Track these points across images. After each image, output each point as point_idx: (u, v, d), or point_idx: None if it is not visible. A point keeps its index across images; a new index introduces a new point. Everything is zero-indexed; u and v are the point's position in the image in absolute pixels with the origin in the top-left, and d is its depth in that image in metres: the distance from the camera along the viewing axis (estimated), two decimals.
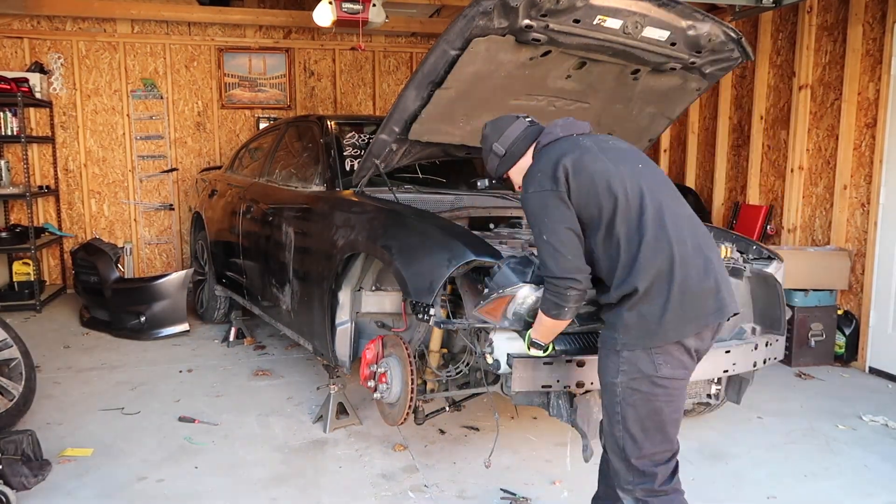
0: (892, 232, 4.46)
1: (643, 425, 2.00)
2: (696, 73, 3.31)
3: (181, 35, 7.19)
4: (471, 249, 2.66)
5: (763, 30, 5.45)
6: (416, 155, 3.54)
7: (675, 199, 2.10)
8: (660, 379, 1.97)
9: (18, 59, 6.77)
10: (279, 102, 7.52)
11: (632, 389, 1.98)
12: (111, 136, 7.13)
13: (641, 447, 2.01)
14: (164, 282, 5.33)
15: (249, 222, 4.54)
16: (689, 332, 1.96)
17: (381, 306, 3.49)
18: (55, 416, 3.72)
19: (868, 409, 3.93)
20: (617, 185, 2.00)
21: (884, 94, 4.46)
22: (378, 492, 2.93)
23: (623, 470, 2.05)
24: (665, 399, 1.99)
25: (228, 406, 3.89)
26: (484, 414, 3.74)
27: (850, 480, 3.09)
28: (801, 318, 4.69)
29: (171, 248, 7.46)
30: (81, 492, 2.90)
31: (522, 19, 2.67)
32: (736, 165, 5.87)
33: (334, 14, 5.27)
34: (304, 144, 4.39)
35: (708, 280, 1.98)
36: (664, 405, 1.99)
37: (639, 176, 2.05)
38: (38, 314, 6.13)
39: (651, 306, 1.94)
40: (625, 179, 2.02)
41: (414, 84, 2.99)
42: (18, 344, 3.59)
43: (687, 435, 3.50)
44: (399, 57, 7.86)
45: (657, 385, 1.97)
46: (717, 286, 2.00)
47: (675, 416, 2.03)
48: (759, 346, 3.02)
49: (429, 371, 2.97)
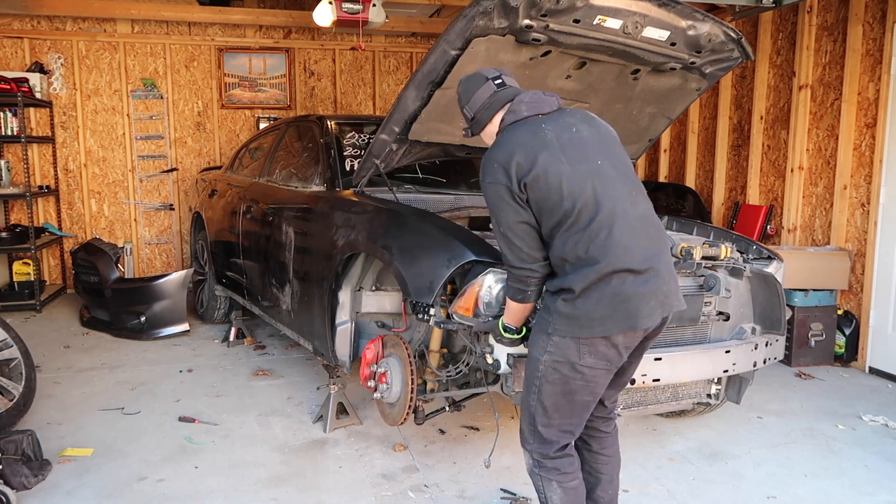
0: (892, 232, 4.46)
1: (556, 402, 2.13)
2: (696, 73, 3.31)
3: (181, 35, 7.19)
4: (471, 249, 2.66)
5: (763, 30, 5.45)
6: (416, 155, 3.54)
7: (632, 198, 2.12)
8: (581, 366, 2.08)
9: (18, 59, 6.77)
10: (279, 102, 7.53)
11: (553, 369, 2.10)
12: (111, 136, 7.13)
13: (550, 418, 2.16)
14: (164, 282, 5.33)
15: (249, 222, 4.54)
16: (618, 331, 2.04)
17: (381, 306, 3.49)
18: (55, 416, 3.72)
19: (868, 408, 3.93)
20: (570, 189, 2.03)
21: (884, 94, 4.46)
22: (378, 492, 2.93)
23: (527, 431, 2.22)
24: (581, 383, 2.10)
25: (228, 406, 3.90)
26: (484, 414, 3.74)
27: (850, 480, 3.09)
28: (801, 318, 4.69)
29: (171, 248, 7.46)
30: (81, 492, 2.90)
31: (522, 19, 2.67)
32: (736, 165, 5.88)
33: (334, 14, 5.27)
34: (304, 144, 4.39)
35: (647, 286, 2.03)
36: (579, 388, 2.11)
37: (595, 175, 2.06)
38: (38, 314, 6.13)
39: (585, 304, 2.02)
40: (579, 183, 2.04)
41: (414, 84, 2.99)
42: (18, 344, 3.59)
43: (687, 435, 3.51)
44: (399, 57, 7.86)
45: (577, 371, 2.08)
46: (656, 291, 2.05)
47: (587, 399, 2.15)
48: (759, 345, 3.02)
49: (429, 371, 2.97)
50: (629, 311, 2.02)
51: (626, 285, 2.01)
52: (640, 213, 2.12)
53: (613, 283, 2.00)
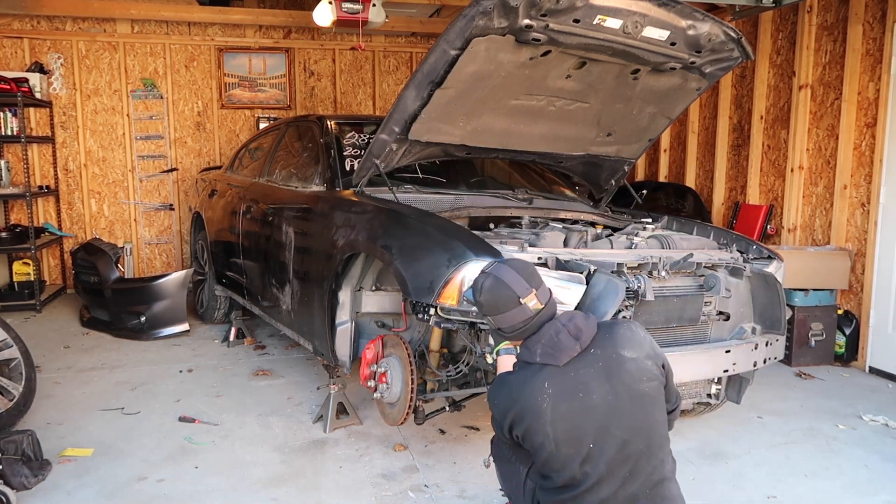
0: (892, 232, 4.46)
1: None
2: (696, 72, 3.30)
3: (181, 35, 7.19)
4: (471, 249, 2.66)
5: (763, 29, 5.45)
6: (416, 155, 3.54)
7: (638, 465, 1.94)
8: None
9: (18, 59, 6.77)
10: (279, 102, 7.52)
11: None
12: (111, 136, 7.13)
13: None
14: (164, 282, 5.33)
15: (249, 222, 4.54)
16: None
17: (381, 306, 3.49)
18: (55, 416, 3.72)
19: (868, 408, 3.93)
20: (552, 466, 1.95)
21: (884, 94, 4.46)
22: (378, 492, 2.93)
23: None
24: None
25: (228, 406, 3.89)
26: (484, 414, 3.74)
27: (851, 480, 3.09)
28: (802, 317, 4.69)
29: (171, 248, 7.46)
30: (81, 492, 2.90)
31: (522, 19, 2.67)
32: (736, 165, 5.87)
33: (334, 14, 5.26)
34: (304, 144, 4.39)
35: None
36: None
37: (586, 460, 1.92)
38: (38, 314, 6.13)
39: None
40: (562, 462, 1.93)
41: (414, 84, 2.99)
42: (18, 344, 3.59)
43: (687, 435, 3.51)
44: (399, 57, 7.86)
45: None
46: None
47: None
48: (759, 345, 3.02)
49: (429, 371, 2.97)
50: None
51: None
52: (630, 494, 1.93)
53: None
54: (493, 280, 2.03)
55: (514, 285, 1.99)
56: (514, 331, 2.02)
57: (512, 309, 1.99)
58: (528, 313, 1.99)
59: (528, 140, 3.64)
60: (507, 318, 2.00)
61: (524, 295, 1.99)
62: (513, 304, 1.99)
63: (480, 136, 3.49)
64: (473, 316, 2.58)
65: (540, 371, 1.94)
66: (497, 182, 4.31)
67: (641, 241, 3.20)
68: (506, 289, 2.00)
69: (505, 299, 2.00)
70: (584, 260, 2.75)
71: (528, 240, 3.00)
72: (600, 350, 1.98)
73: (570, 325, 1.98)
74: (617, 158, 3.96)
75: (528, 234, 3.18)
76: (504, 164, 4.47)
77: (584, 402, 1.92)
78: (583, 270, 2.68)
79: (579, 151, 3.86)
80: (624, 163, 4.00)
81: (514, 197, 3.85)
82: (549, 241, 3.07)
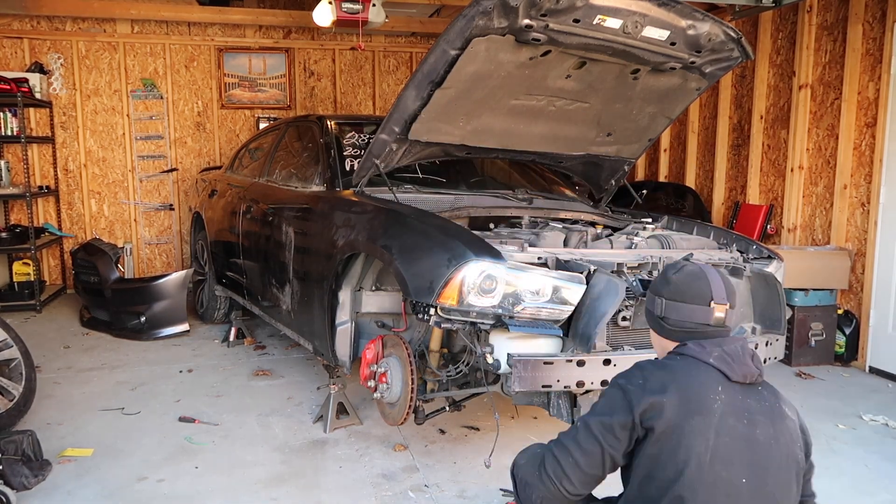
0: (892, 231, 4.46)
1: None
2: (696, 72, 3.30)
3: (181, 35, 7.19)
4: (471, 249, 2.66)
5: (763, 29, 5.45)
6: (416, 155, 3.54)
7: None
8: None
9: (18, 59, 6.77)
10: (279, 102, 7.53)
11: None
12: (111, 136, 7.13)
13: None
14: (164, 282, 5.33)
15: (249, 222, 4.54)
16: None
17: (381, 306, 3.49)
18: (55, 416, 3.72)
19: (868, 408, 3.93)
20: (685, 484, 1.59)
21: (884, 94, 4.46)
22: (378, 492, 2.93)
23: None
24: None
25: (228, 406, 3.89)
26: (484, 414, 3.74)
27: (851, 480, 3.09)
28: (802, 317, 4.69)
29: (171, 248, 7.46)
30: (81, 492, 2.90)
31: (522, 19, 2.67)
32: (736, 165, 5.87)
33: (334, 14, 5.27)
34: (304, 144, 4.39)
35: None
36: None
37: (727, 492, 1.61)
38: (38, 314, 6.13)
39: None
40: (701, 488, 1.60)
41: (414, 84, 2.99)
42: (18, 344, 3.59)
43: None
44: (399, 57, 7.86)
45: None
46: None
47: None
48: (759, 345, 3.02)
49: (429, 371, 2.97)
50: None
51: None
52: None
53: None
54: (699, 270, 1.83)
55: (715, 287, 1.79)
56: (679, 327, 1.80)
57: (697, 305, 1.78)
58: (708, 318, 1.77)
59: (528, 140, 3.64)
60: (683, 310, 1.79)
61: (719, 301, 1.78)
62: (701, 301, 1.78)
63: (480, 136, 3.49)
64: (473, 316, 2.58)
65: (712, 372, 1.71)
66: (497, 182, 4.31)
67: (641, 241, 3.21)
68: (706, 284, 1.79)
69: (698, 291, 1.79)
70: (584, 260, 2.75)
71: (528, 240, 3.00)
72: (766, 392, 1.80)
73: (752, 350, 1.80)
74: (617, 158, 3.96)
75: (528, 234, 3.18)
76: (504, 164, 4.47)
77: (748, 430, 1.68)
78: (583, 270, 2.68)
79: (579, 151, 3.87)
80: (624, 163, 4.00)
81: (514, 197, 3.85)
82: (549, 241, 3.07)
